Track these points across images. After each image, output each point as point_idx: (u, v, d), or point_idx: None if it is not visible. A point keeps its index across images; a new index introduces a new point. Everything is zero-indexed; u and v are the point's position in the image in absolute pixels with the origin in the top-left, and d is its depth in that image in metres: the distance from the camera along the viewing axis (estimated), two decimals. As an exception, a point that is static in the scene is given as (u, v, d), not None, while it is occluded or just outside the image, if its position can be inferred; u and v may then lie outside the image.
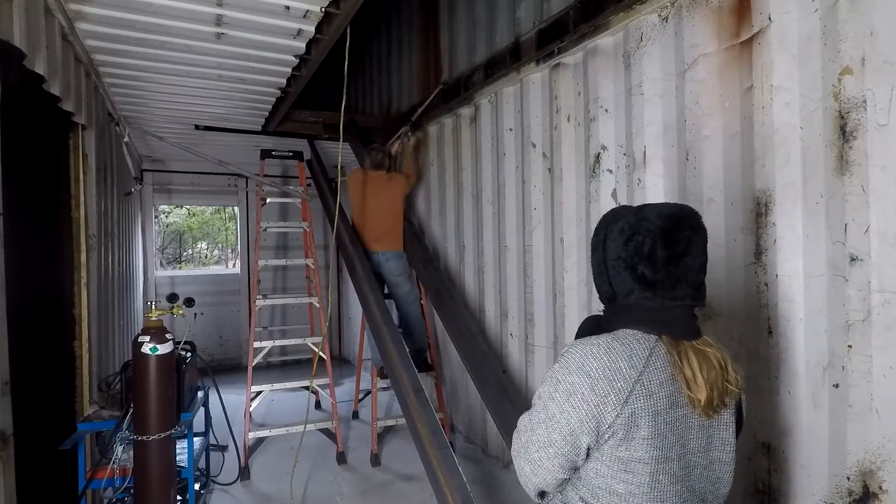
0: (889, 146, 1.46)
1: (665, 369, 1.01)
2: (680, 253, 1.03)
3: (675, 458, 1.00)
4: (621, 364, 0.99)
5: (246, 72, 3.39)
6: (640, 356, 1.00)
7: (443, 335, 3.99)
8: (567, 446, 1.02)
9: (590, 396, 0.99)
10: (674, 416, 1.00)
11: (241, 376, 4.60)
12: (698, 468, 1.03)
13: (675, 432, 1.00)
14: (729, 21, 1.92)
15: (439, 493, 2.32)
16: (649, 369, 0.99)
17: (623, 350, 1.01)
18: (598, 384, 0.98)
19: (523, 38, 3.05)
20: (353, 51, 3.11)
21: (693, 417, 1.02)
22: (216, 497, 3.25)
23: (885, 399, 1.47)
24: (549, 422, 1.04)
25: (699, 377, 1.01)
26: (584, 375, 1.00)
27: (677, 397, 1.01)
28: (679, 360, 1.01)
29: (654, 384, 0.99)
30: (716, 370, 1.03)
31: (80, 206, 2.91)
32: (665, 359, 1.02)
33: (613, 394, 0.97)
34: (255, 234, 4.93)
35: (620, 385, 0.98)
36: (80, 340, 2.86)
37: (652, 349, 1.01)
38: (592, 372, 0.99)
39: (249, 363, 3.81)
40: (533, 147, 3.05)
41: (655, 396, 0.98)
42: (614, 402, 0.97)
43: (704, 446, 1.04)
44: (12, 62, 1.95)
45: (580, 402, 0.99)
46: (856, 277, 1.54)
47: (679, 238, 1.04)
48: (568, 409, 1.00)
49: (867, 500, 1.52)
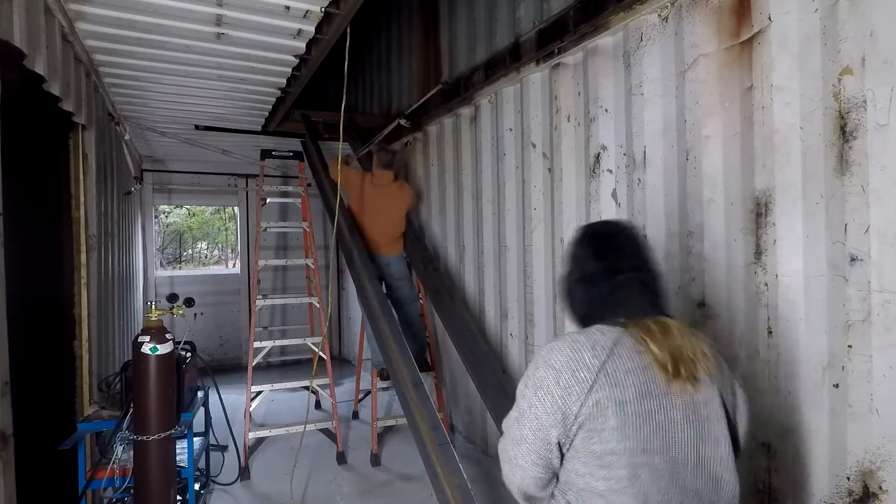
0: (889, 146, 1.46)
1: (632, 358, 1.02)
2: (610, 243, 1.18)
3: (655, 451, 0.98)
4: (584, 355, 1.02)
5: (246, 72, 3.39)
6: (603, 346, 1.02)
7: (443, 335, 3.99)
8: (538, 441, 1.03)
9: (554, 389, 1.01)
10: (647, 406, 0.99)
11: (241, 376, 4.60)
12: (688, 465, 1.01)
13: (650, 424, 0.99)
14: (729, 21, 1.92)
15: (439, 491, 2.32)
16: (613, 358, 1.01)
17: (586, 342, 1.04)
18: (562, 376, 1.01)
19: (523, 38, 3.05)
20: (353, 51, 3.11)
21: (675, 410, 1.01)
22: (216, 497, 3.25)
23: (885, 399, 1.47)
24: (520, 418, 1.07)
25: (661, 343, 1.03)
26: (550, 369, 1.03)
27: (649, 387, 1.00)
28: (643, 337, 1.04)
29: (619, 372, 1.00)
30: (677, 339, 1.05)
31: (80, 206, 2.91)
32: (632, 349, 1.03)
33: (577, 384, 1.00)
34: (255, 234, 4.93)
35: (583, 375, 1.00)
36: (80, 340, 2.86)
37: (617, 339, 1.03)
38: (557, 364, 1.03)
39: (249, 363, 3.81)
40: (533, 147, 3.05)
41: (621, 385, 0.99)
42: (578, 392, 0.99)
43: (693, 441, 1.01)
44: (12, 62, 1.95)
45: (545, 395, 1.02)
46: (856, 277, 1.54)
47: (598, 234, 1.23)
48: (535, 403, 1.03)
49: (867, 500, 1.52)
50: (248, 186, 6.81)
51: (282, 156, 4.66)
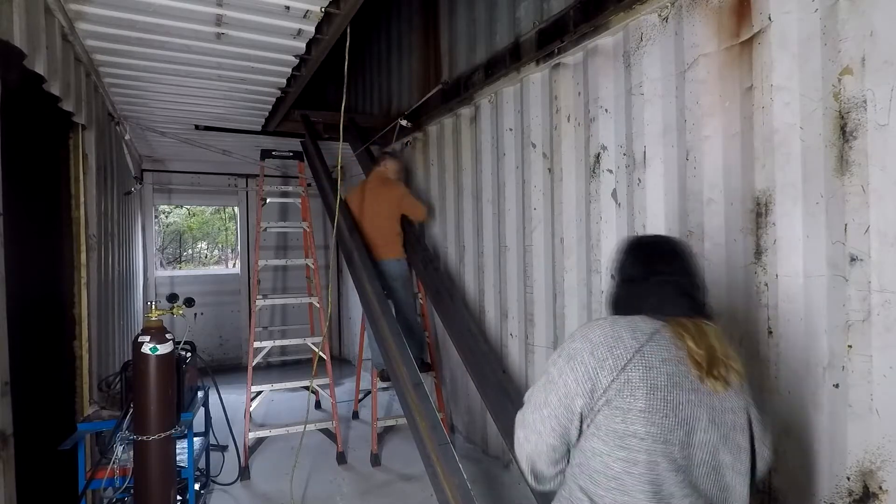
0: (889, 146, 1.46)
1: (669, 349, 1.02)
2: (653, 251, 1.21)
3: (676, 442, 0.97)
4: (624, 334, 1.03)
5: (246, 72, 3.39)
6: (643, 331, 1.04)
7: (443, 335, 3.99)
8: (561, 407, 1.04)
9: (588, 359, 1.02)
10: (676, 397, 0.99)
11: (241, 376, 4.60)
12: (704, 466, 1.00)
13: (677, 415, 0.98)
14: (729, 21, 1.92)
15: (439, 491, 2.32)
16: (651, 344, 1.02)
17: (627, 324, 1.06)
18: (598, 349, 1.02)
19: (523, 38, 3.05)
20: (353, 51, 3.11)
21: (701, 408, 1.00)
22: (216, 497, 3.25)
23: (885, 399, 1.47)
24: (548, 384, 1.08)
25: (698, 341, 1.04)
26: (586, 341, 1.05)
27: (681, 379, 1.00)
28: (681, 331, 1.05)
29: (655, 358, 1.00)
30: (713, 340, 1.07)
31: (80, 206, 2.91)
32: (671, 342, 1.03)
33: (612, 359, 1.01)
34: (255, 234, 4.93)
35: (620, 352, 1.01)
36: (80, 340, 2.86)
37: (657, 329, 1.05)
38: (594, 339, 1.04)
39: (249, 363, 3.81)
40: (533, 147, 3.05)
41: (655, 370, 0.99)
42: (611, 366, 1.00)
43: (714, 444, 1.00)
44: (12, 62, 1.95)
45: (578, 365, 1.03)
46: (856, 277, 1.54)
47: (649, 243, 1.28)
48: (567, 371, 1.04)
49: (867, 500, 1.52)
50: (248, 186, 6.81)
51: (282, 156, 4.66)
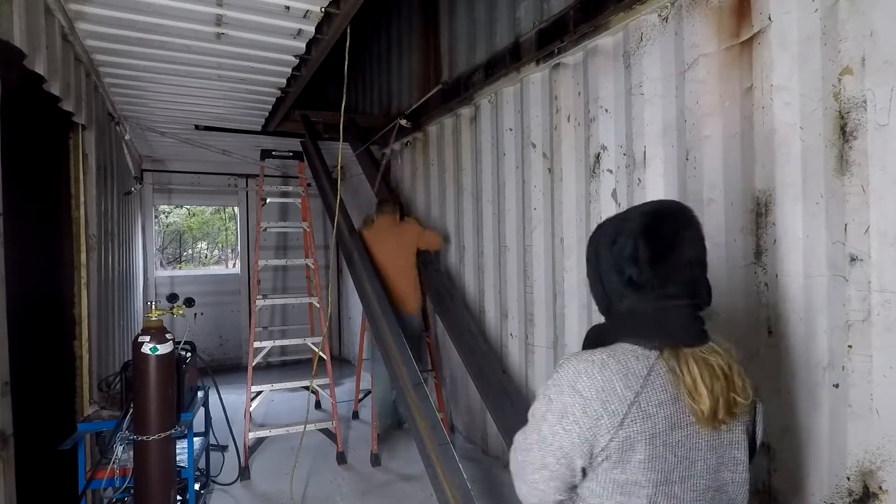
0: (889, 146, 1.46)
1: (665, 389, 0.94)
2: (665, 250, 0.97)
3: (676, 480, 0.94)
4: (616, 384, 0.93)
5: (246, 72, 3.39)
6: (637, 375, 0.94)
7: (443, 335, 3.99)
8: (562, 468, 0.98)
9: (582, 419, 0.93)
10: (675, 437, 0.94)
11: (241, 376, 4.60)
12: (709, 491, 0.97)
13: (676, 455, 0.94)
14: (729, 21, 1.92)
15: (439, 491, 2.32)
16: (647, 390, 0.93)
17: (618, 368, 0.94)
18: (591, 405, 0.92)
19: (523, 38, 3.05)
20: (353, 51, 3.11)
21: (699, 438, 0.96)
22: (216, 497, 3.25)
23: (885, 399, 1.47)
24: (542, 443, 0.99)
25: (700, 386, 0.94)
26: (577, 395, 0.94)
27: (679, 418, 0.95)
28: (679, 369, 0.95)
29: (651, 405, 0.93)
30: (720, 380, 0.96)
31: (80, 206, 2.91)
32: (665, 378, 0.95)
33: (607, 416, 0.92)
34: (255, 234, 4.93)
35: (615, 407, 0.92)
36: (80, 340, 2.86)
37: (651, 367, 0.95)
38: (585, 392, 0.93)
39: (249, 363, 3.81)
40: (533, 147, 3.05)
41: (654, 419, 0.92)
42: (608, 424, 0.92)
43: (714, 467, 0.97)
44: (12, 62, 1.95)
45: (572, 425, 0.94)
46: (856, 277, 1.54)
47: (662, 233, 0.98)
48: (560, 432, 0.95)
49: (867, 500, 1.52)
50: (248, 186, 6.81)
51: (282, 156, 4.67)
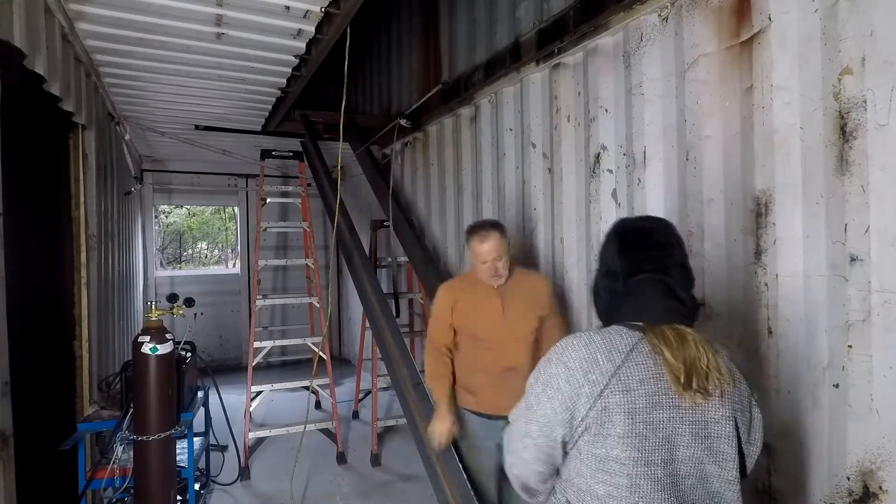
0: (889, 146, 1.46)
1: (647, 367, 0.99)
2: (633, 241, 1.12)
3: (658, 463, 0.96)
4: (599, 357, 0.99)
5: (246, 72, 3.39)
6: (619, 350, 1.00)
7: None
8: (542, 437, 1.03)
9: (564, 387, 1.00)
10: (657, 417, 0.97)
11: (241, 376, 4.60)
12: (690, 478, 0.99)
13: (658, 435, 0.96)
14: (729, 21, 1.91)
15: (439, 491, 2.32)
16: (628, 364, 0.99)
17: (603, 344, 1.01)
18: (574, 375, 0.99)
19: (523, 38, 3.05)
20: (353, 51, 3.11)
21: (682, 423, 0.98)
22: (216, 497, 3.25)
23: (885, 399, 1.47)
24: (527, 412, 1.06)
25: (676, 352, 1.00)
26: (562, 366, 1.01)
27: (661, 398, 0.98)
28: (659, 343, 1.01)
29: (632, 380, 0.97)
30: (693, 350, 1.01)
31: (80, 206, 2.91)
32: (648, 357, 1.00)
33: (588, 385, 0.98)
34: (255, 234, 4.93)
35: (595, 377, 0.98)
36: (80, 340, 2.86)
37: (634, 345, 1.01)
38: (570, 363, 1.01)
39: (249, 363, 3.82)
40: (533, 147, 3.05)
41: (633, 393, 0.96)
42: (588, 393, 0.97)
43: (698, 457, 0.99)
44: (12, 62, 1.95)
45: (555, 392, 1.01)
46: (856, 277, 1.54)
47: (633, 228, 1.16)
48: (544, 400, 1.02)
49: (867, 500, 1.52)
50: (248, 186, 6.82)
51: (282, 156, 4.67)
